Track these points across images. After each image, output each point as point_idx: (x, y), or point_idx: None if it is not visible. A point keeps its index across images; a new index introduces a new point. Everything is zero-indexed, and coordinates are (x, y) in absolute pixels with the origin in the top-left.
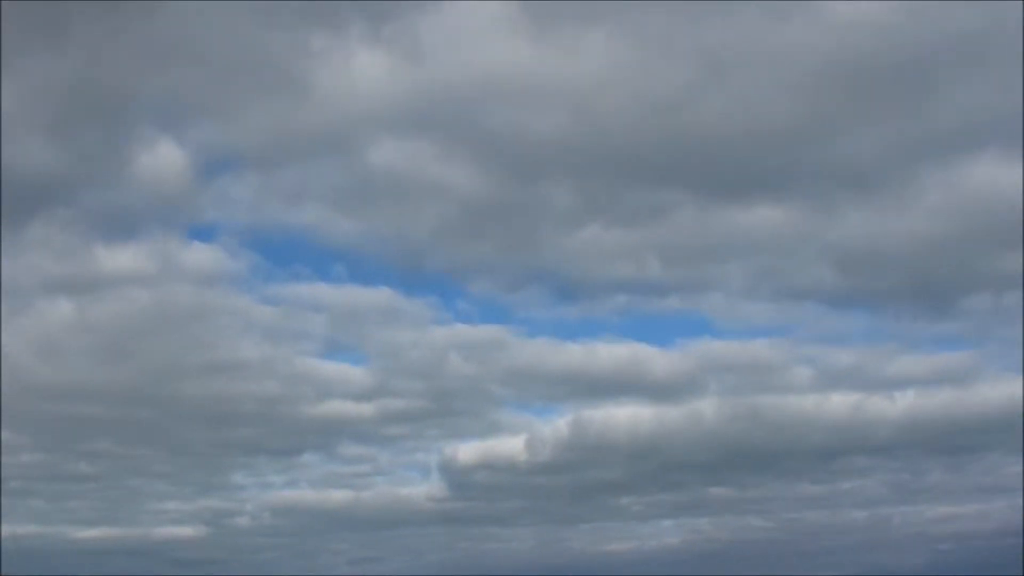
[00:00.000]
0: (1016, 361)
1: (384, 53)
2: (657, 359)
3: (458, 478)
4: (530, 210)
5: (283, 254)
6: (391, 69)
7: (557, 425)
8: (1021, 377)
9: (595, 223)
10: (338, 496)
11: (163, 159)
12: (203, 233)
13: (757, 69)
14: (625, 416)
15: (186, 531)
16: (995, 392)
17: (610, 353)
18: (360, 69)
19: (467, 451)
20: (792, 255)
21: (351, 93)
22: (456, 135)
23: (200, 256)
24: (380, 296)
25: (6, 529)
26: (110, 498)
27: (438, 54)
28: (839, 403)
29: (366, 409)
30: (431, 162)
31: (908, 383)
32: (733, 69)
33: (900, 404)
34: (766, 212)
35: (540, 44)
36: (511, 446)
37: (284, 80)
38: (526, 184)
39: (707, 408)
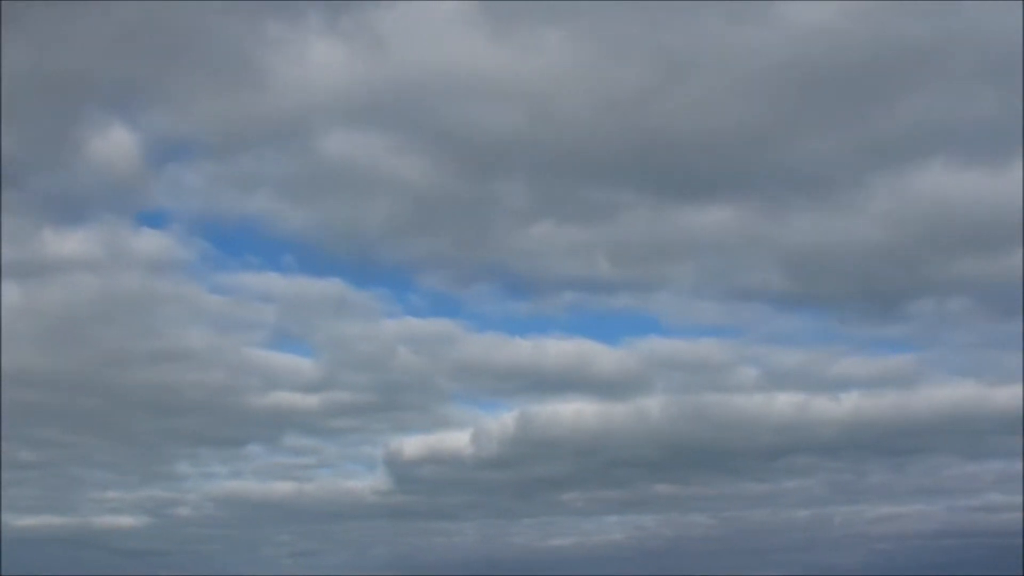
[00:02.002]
0: (958, 365)
1: (341, 44)
2: (605, 356)
3: (403, 472)
4: (483, 206)
5: (233, 243)
6: (347, 61)
7: (503, 420)
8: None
9: (548, 220)
10: (282, 488)
11: (114, 144)
12: (153, 220)
13: (713, 71)
14: (571, 412)
15: (128, 520)
16: (938, 395)
17: (558, 349)
18: (316, 60)
19: (412, 445)
20: (742, 256)
21: (306, 83)
22: (411, 129)
23: (150, 243)
24: (330, 287)
25: None
26: (51, 486)
27: (395, 48)
28: (784, 403)
29: (312, 401)
30: (385, 155)
31: (853, 384)
32: (689, 71)
33: (845, 405)
34: (717, 213)
35: (498, 41)
36: (457, 440)
37: (239, 68)
38: (480, 180)
39: (653, 406)
